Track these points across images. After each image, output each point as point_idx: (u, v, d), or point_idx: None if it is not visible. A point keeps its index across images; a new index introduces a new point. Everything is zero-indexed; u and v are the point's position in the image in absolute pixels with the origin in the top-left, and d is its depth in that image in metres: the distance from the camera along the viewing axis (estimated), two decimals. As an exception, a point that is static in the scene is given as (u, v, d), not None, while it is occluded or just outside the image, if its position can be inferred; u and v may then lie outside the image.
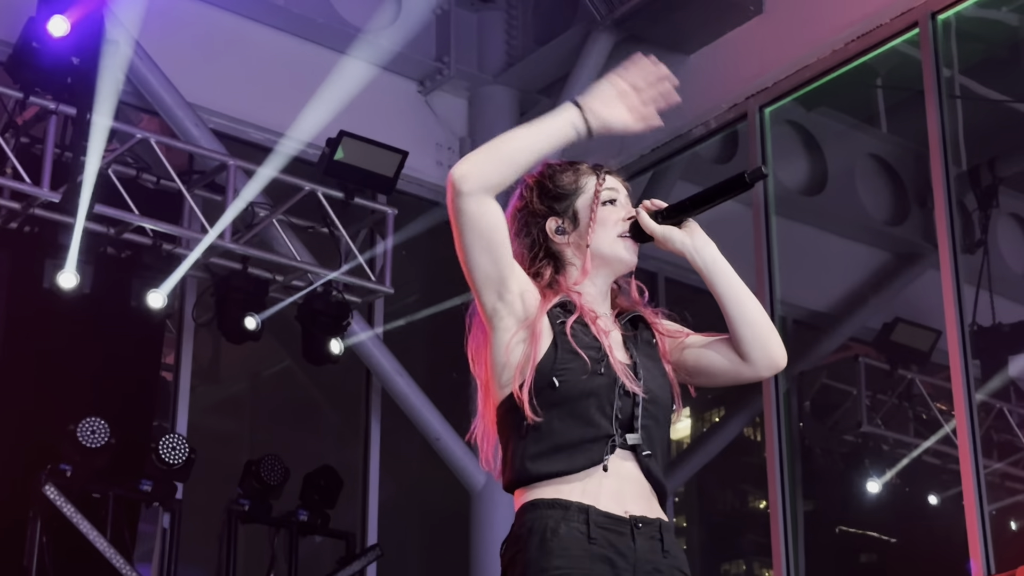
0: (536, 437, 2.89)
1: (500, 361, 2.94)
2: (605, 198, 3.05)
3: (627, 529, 2.84)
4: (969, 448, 6.95)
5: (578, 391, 2.89)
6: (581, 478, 2.86)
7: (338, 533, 8.18)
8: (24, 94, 7.29)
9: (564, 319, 2.94)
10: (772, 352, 3.03)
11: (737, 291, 3.01)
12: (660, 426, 2.97)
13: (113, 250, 7.76)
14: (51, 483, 7.06)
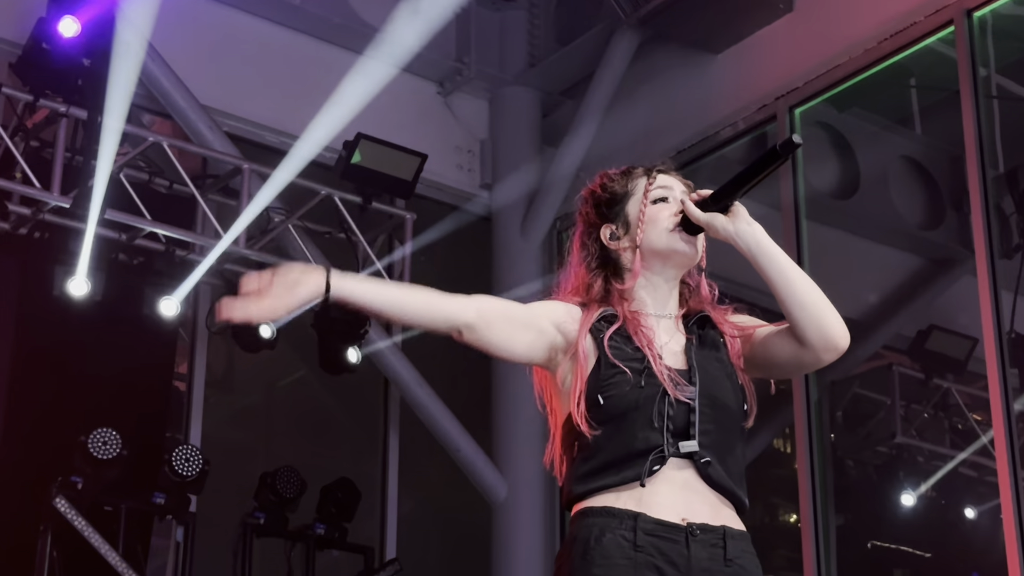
0: (586, 456, 2.94)
1: (560, 390, 3.03)
2: (654, 197, 3.10)
3: (681, 537, 2.86)
4: (1007, 460, 6.92)
5: (623, 406, 2.92)
6: (631, 489, 2.88)
7: (356, 547, 8.22)
8: (34, 96, 7.33)
9: (604, 333, 2.98)
10: (829, 332, 3.01)
11: (785, 272, 3.00)
12: (727, 431, 2.98)
13: (125, 256, 7.81)
14: (62, 495, 7.09)
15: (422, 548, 8.92)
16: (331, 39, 8.79)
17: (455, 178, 9.20)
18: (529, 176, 9.06)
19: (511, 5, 9.41)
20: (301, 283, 2.88)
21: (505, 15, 9.40)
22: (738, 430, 3.01)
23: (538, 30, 9.37)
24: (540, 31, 9.37)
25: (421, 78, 9.19)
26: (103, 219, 7.38)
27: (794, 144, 2.98)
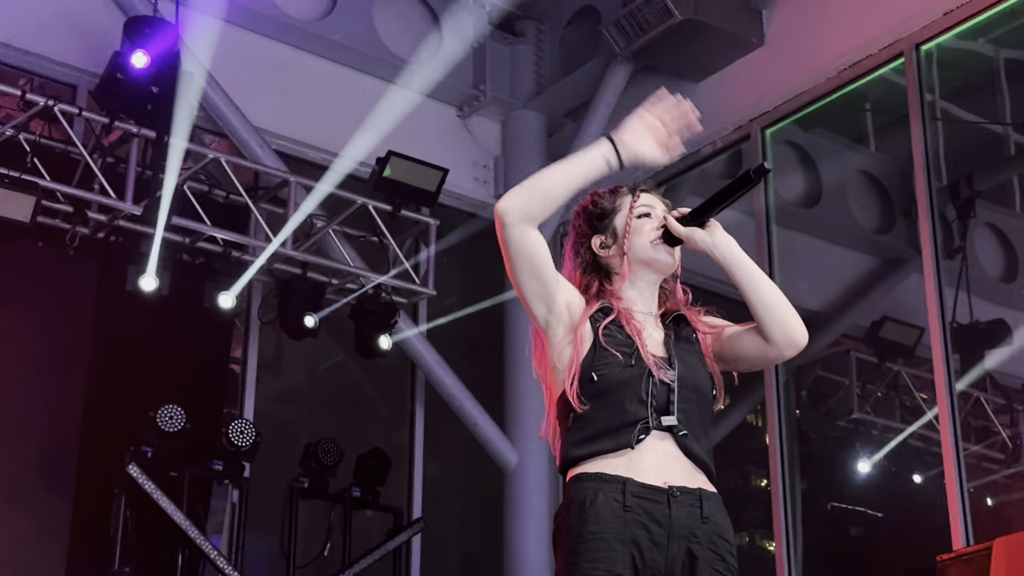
0: (580, 425, 2.94)
1: (555, 364, 3.00)
2: (639, 212, 3.10)
3: (663, 498, 2.87)
4: (950, 432, 6.94)
5: (614, 383, 2.93)
6: (622, 456, 2.89)
7: (387, 508, 8.20)
8: (110, 119, 7.33)
9: (600, 323, 2.99)
10: (791, 332, 3.04)
11: (755, 280, 3.03)
12: (700, 411, 2.99)
13: (188, 257, 7.81)
14: (134, 463, 7.11)
15: (444, 509, 8.92)
16: (365, 69, 8.79)
17: (472, 189, 9.20)
18: (536, 188, 9.07)
19: (521, 40, 9.42)
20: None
21: (515, 48, 9.41)
22: (709, 411, 3.03)
23: (544, 62, 9.37)
24: (546, 62, 9.37)
25: (443, 103, 9.18)
26: (169, 225, 7.39)
27: (765, 170, 3.01)
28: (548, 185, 2.97)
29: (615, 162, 2.97)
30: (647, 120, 3.01)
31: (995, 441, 8.42)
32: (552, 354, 3.00)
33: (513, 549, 8.54)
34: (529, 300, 2.99)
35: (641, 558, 2.80)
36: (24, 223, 6.89)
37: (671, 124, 3.01)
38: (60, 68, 7.88)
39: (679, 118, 3.03)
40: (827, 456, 9.06)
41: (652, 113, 3.01)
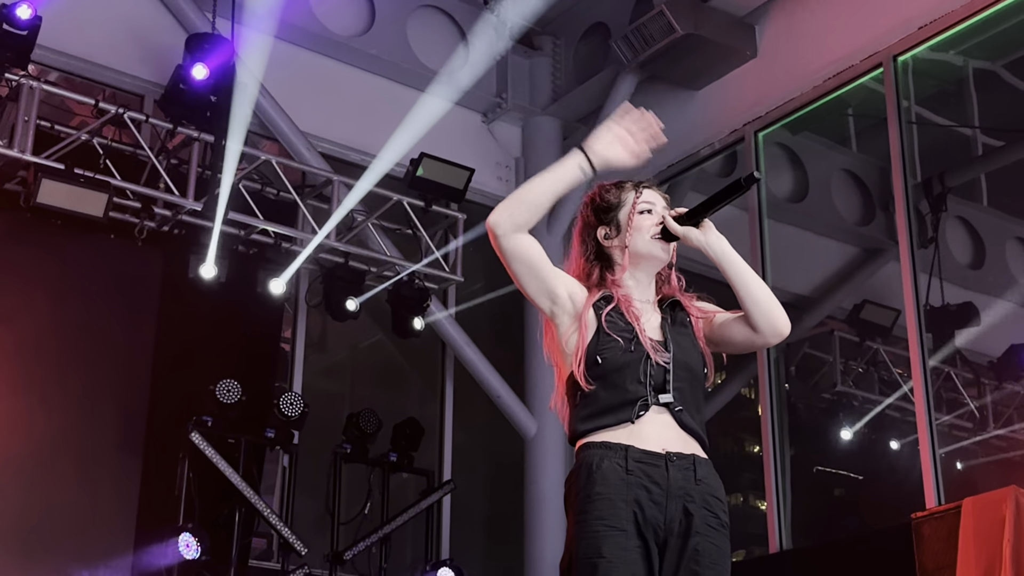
0: (586, 403, 2.94)
1: (563, 349, 3.00)
2: (641, 208, 3.06)
3: (662, 463, 2.87)
4: (923, 404, 6.93)
5: (616, 366, 2.92)
6: (623, 428, 2.89)
7: (420, 471, 8.21)
8: (173, 125, 7.36)
9: (603, 310, 2.98)
10: (776, 323, 3.02)
11: (744, 276, 3.01)
12: (693, 388, 2.99)
13: (243, 247, 7.83)
14: (196, 431, 7.14)
15: (470, 472, 8.94)
16: (400, 80, 8.80)
17: (496, 187, 9.19)
18: (553, 185, 9.07)
19: (539, 53, 9.41)
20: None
21: (534, 61, 9.41)
22: (701, 389, 3.03)
23: (560, 72, 9.36)
24: (561, 73, 9.36)
25: (469, 110, 9.18)
26: (226, 219, 7.42)
27: (754, 179, 2.98)
28: (532, 195, 2.95)
29: (588, 169, 2.95)
30: (615, 130, 2.98)
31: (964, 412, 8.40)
32: (560, 340, 3.00)
33: (532, 507, 8.56)
34: (534, 297, 2.99)
35: (643, 515, 2.81)
36: (98, 218, 6.93)
37: (638, 134, 2.98)
38: (129, 80, 7.92)
39: (645, 128, 2.99)
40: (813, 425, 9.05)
41: (620, 124, 2.99)
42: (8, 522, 6.81)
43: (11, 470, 6.88)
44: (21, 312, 7.13)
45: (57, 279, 7.34)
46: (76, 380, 7.24)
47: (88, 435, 7.20)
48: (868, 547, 6.89)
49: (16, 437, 6.94)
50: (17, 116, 6.82)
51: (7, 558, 6.76)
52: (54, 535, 6.92)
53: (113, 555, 7.04)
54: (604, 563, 2.74)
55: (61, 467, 7.05)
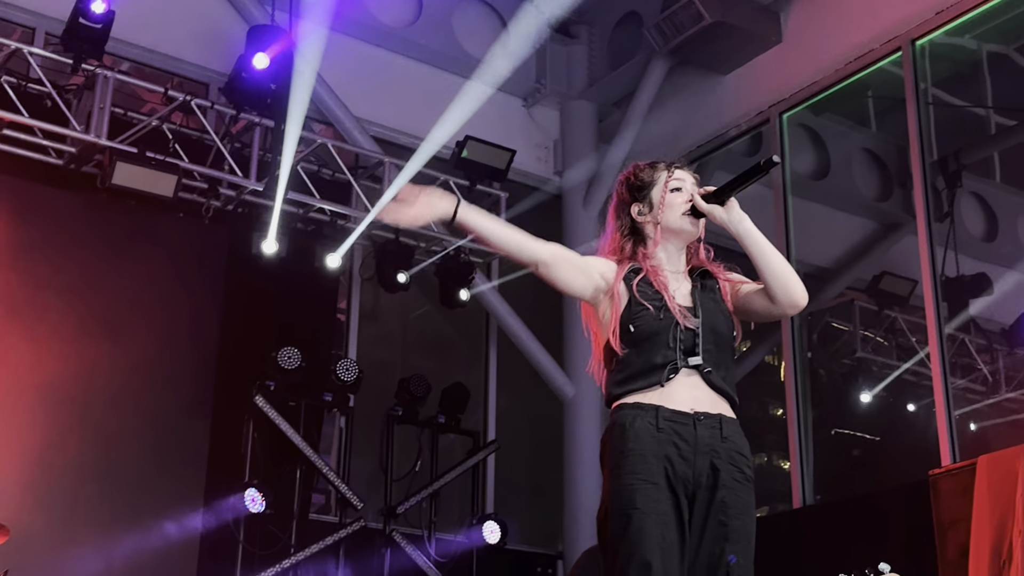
0: (620, 368, 2.97)
1: (600, 320, 3.03)
2: (672, 187, 3.08)
3: (690, 421, 2.89)
4: (940, 368, 6.90)
5: (648, 331, 2.94)
6: (654, 390, 2.91)
7: (467, 432, 8.25)
8: (236, 111, 7.39)
9: (633, 281, 3.00)
10: (793, 295, 3.02)
11: (765, 251, 3.01)
12: (722, 350, 3.00)
13: (301, 225, 7.87)
14: (260, 395, 7.21)
15: (513, 432, 8.95)
16: (446, 68, 8.79)
17: (535, 167, 9.20)
18: (589, 165, 9.05)
19: (575, 41, 9.38)
20: (438, 203, 2.91)
21: (571, 48, 9.37)
22: (730, 350, 3.04)
23: (595, 59, 9.32)
24: (596, 60, 9.32)
25: (510, 95, 9.16)
26: (286, 198, 7.45)
27: (773, 163, 2.98)
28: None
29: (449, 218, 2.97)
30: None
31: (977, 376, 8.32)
32: (596, 312, 3.03)
33: (570, 465, 8.60)
34: (577, 294, 3.03)
35: (673, 470, 2.83)
36: (168, 197, 6.97)
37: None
38: (195, 69, 7.97)
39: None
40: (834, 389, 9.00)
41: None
42: (87, 478, 6.92)
43: (90, 431, 6.98)
44: (99, 284, 7.22)
45: (131, 254, 7.40)
46: (149, 348, 7.31)
47: (160, 399, 7.27)
48: (887, 502, 6.87)
49: (96, 400, 7.04)
50: (93, 104, 6.88)
51: (87, 511, 6.87)
52: (130, 490, 7.01)
53: (184, 509, 7.11)
54: (638, 514, 2.77)
55: (136, 428, 7.13)
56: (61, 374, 6.95)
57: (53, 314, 7.00)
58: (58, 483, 6.80)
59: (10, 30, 7.30)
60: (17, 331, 6.88)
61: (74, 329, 7.06)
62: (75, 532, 6.75)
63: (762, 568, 2.92)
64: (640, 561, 2.73)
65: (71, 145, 6.97)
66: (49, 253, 7.04)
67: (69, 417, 6.90)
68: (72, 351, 7.02)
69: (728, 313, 3.07)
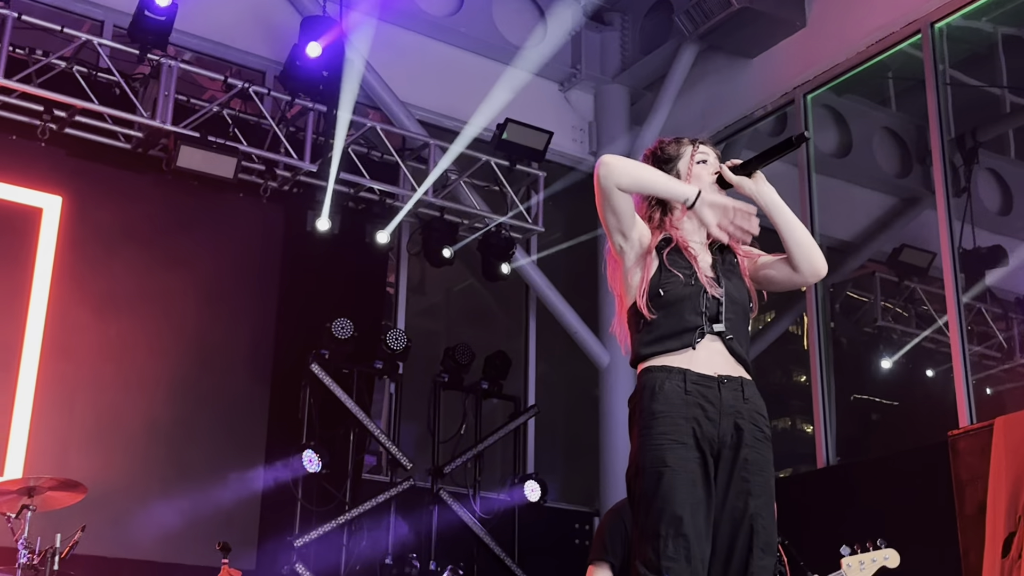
0: (649, 330, 2.95)
1: (628, 282, 2.99)
2: (698, 159, 3.06)
3: (715, 384, 2.89)
4: (957, 335, 6.85)
5: (676, 297, 2.93)
6: (682, 353, 2.90)
7: (508, 397, 8.26)
8: (291, 97, 7.42)
9: (664, 249, 2.99)
10: (815, 264, 3.01)
11: (790, 222, 2.99)
12: (741, 319, 2.99)
13: (352, 203, 7.89)
14: (316, 363, 7.24)
15: (551, 397, 8.98)
16: (487, 54, 8.78)
17: (572, 148, 9.17)
18: (622, 146, 9.00)
19: (609, 27, 9.33)
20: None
21: (605, 35, 9.33)
22: (747, 321, 3.02)
23: (628, 44, 9.28)
24: (629, 45, 9.27)
25: (548, 80, 9.14)
26: (338, 179, 7.48)
27: (804, 138, 2.95)
28: (645, 179, 2.94)
29: (691, 201, 2.92)
30: (728, 206, 2.93)
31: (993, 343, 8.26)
32: (625, 274, 3.00)
33: (606, 427, 8.61)
34: (610, 230, 2.98)
35: (700, 430, 2.83)
36: (228, 179, 7.02)
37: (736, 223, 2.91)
38: (253, 58, 8.00)
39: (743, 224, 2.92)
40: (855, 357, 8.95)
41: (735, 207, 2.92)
42: (157, 439, 7.01)
43: (160, 395, 7.06)
44: (165, 260, 7.29)
45: (195, 232, 7.45)
46: (212, 318, 7.38)
47: (223, 366, 7.34)
48: (908, 462, 6.84)
49: (164, 367, 7.12)
50: (158, 91, 6.92)
51: (157, 470, 6.96)
52: (197, 451, 7.09)
53: (247, 468, 7.19)
54: (668, 471, 2.77)
55: (202, 393, 7.20)
56: (132, 343, 7.03)
57: (122, 288, 7.07)
58: (130, 444, 6.89)
59: (80, 23, 7.36)
60: (90, 304, 6.97)
61: (142, 302, 7.12)
62: (146, 490, 6.85)
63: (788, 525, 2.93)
64: (671, 516, 2.73)
65: (138, 130, 7.03)
66: (119, 231, 7.11)
67: (140, 383, 6.99)
68: (141, 322, 7.10)
69: (746, 287, 3.05)
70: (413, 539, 7.54)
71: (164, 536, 6.74)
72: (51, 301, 6.85)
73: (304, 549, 7.02)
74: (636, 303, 2.96)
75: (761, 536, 2.81)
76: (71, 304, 6.90)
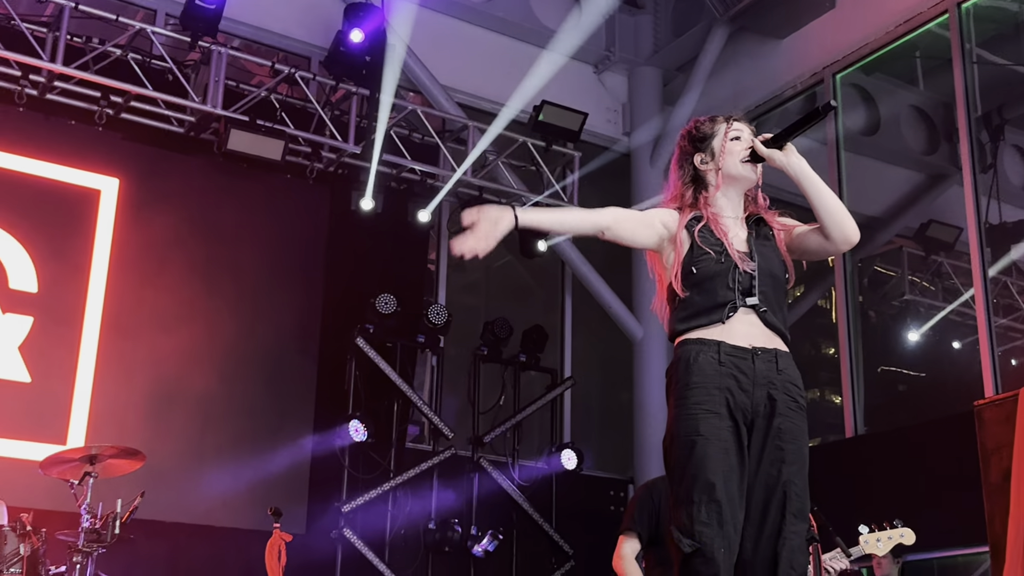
0: (683, 306, 2.93)
1: (664, 264, 2.98)
2: (732, 136, 3.03)
3: (748, 356, 2.86)
4: (984, 308, 6.79)
5: (708, 274, 2.90)
6: (716, 327, 2.88)
7: (545, 369, 8.28)
8: (336, 82, 7.42)
9: (695, 228, 2.95)
10: (847, 231, 2.95)
11: (820, 190, 2.95)
12: (776, 292, 2.95)
13: (395, 183, 7.89)
14: (361, 337, 7.29)
15: (587, 370, 8.98)
16: (524, 39, 8.75)
17: (606, 128, 9.14)
18: (655, 126, 8.96)
19: (641, 11, 9.26)
20: (499, 220, 2.78)
21: (638, 18, 9.26)
22: (783, 291, 2.99)
23: (660, 27, 9.21)
24: (662, 28, 9.21)
25: (582, 63, 9.11)
26: (380, 160, 7.49)
27: (831, 106, 2.91)
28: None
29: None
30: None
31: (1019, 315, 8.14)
32: (661, 256, 2.99)
33: (639, 399, 8.60)
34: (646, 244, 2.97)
35: (733, 400, 2.81)
36: (276, 161, 7.05)
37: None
38: (298, 44, 8.02)
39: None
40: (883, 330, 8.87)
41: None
42: (212, 410, 7.06)
43: (214, 368, 7.11)
44: (217, 239, 7.32)
45: (245, 212, 7.48)
46: (261, 295, 7.41)
47: (273, 340, 7.38)
48: (934, 432, 6.78)
49: (216, 341, 7.16)
50: (209, 77, 6.95)
51: (212, 438, 7.02)
52: (249, 421, 7.14)
53: (296, 437, 7.23)
54: (702, 440, 2.75)
55: (253, 366, 7.25)
56: (186, 318, 7.07)
57: (175, 266, 7.12)
58: (186, 414, 6.95)
59: (134, 12, 7.40)
60: (146, 281, 7.02)
61: (194, 279, 7.16)
62: (201, 457, 6.91)
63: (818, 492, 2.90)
64: (704, 482, 2.71)
65: (190, 115, 7.07)
66: (172, 211, 7.15)
67: (194, 356, 7.04)
68: (194, 299, 7.14)
69: (782, 259, 3.01)
70: (455, 505, 7.58)
71: (218, 501, 6.81)
72: (110, 278, 6.91)
73: (351, 514, 7.09)
74: (671, 282, 2.94)
75: (794, 502, 2.78)
76: (128, 281, 6.96)
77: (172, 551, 6.66)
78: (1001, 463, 4.95)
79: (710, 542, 2.68)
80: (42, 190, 6.84)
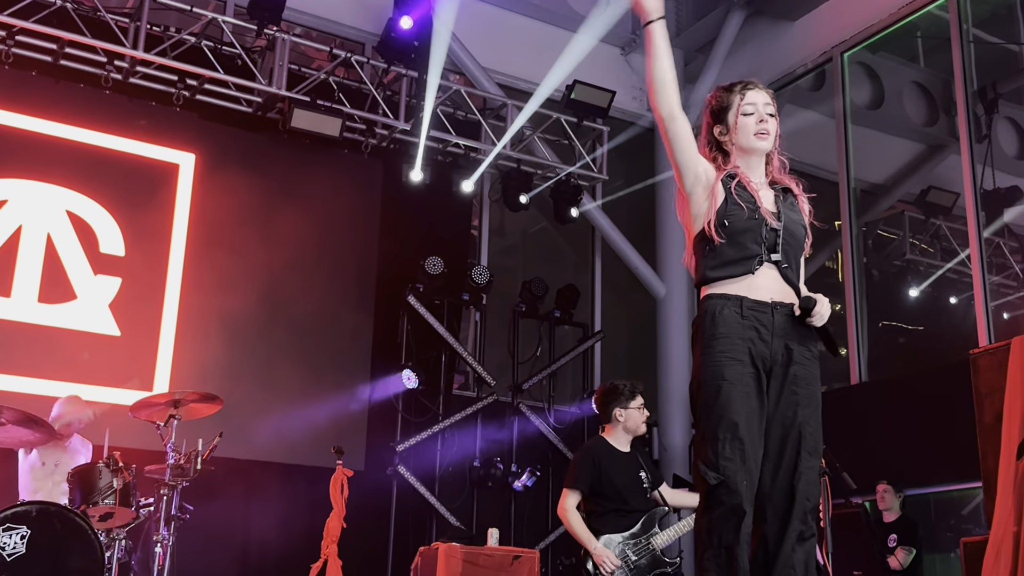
0: (713, 255, 2.87)
1: (696, 212, 2.90)
2: (744, 111, 2.93)
3: (768, 310, 2.83)
4: (978, 266, 6.71)
5: (739, 227, 2.85)
6: (740, 280, 2.83)
7: (578, 324, 8.29)
8: (387, 65, 7.41)
9: (730, 184, 2.90)
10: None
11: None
12: (796, 251, 2.91)
13: (441, 157, 7.90)
14: (412, 295, 7.33)
15: (615, 324, 8.99)
16: (557, 23, 8.69)
17: (632, 105, 9.07)
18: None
19: (665, -4, 9.16)
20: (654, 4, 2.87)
21: (661, 3, 9.15)
22: (801, 253, 2.94)
23: (682, 11, 9.11)
24: (683, 12, 9.10)
25: (611, 45, 9.03)
26: (428, 136, 7.50)
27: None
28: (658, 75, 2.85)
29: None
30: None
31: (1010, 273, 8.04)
32: (692, 206, 2.91)
33: (662, 350, 8.60)
34: (682, 170, 2.88)
35: (755, 349, 2.79)
36: (335, 137, 7.06)
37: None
38: (353, 31, 8.00)
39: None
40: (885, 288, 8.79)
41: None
42: (281, 359, 7.13)
43: (283, 322, 7.19)
44: (283, 208, 7.36)
45: (307, 183, 7.51)
46: (324, 257, 7.46)
47: (334, 298, 7.43)
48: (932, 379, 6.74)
49: (285, 299, 7.23)
50: (274, 62, 6.98)
51: (281, 385, 7.09)
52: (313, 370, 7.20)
53: (355, 384, 7.31)
54: (726, 384, 2.75)
55: (317, 320, 7.31)
56: (256, 279, 7.14)
57: (246, 232, 7.16)
58: (259, 363, 7.03)
59: (206, 2, 7.40)
60: (220, 245, 7.09)
61: (263, 244, 7.21)
62: (271, 402, 6.99)
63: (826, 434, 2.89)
64: (728, 422, 2.71)
65: (258, 96, 7.10)
66: (243, 183, 7.19)
67: (266, 311, 7.11)
68: (263, 260, 7.20)
69: (803, 224, 2.96)
70: (497, 445, 7.65)
71: (287, 441, 6.90)
72: (188, 243, 6.98)
73: (405, 453, 7.17)
74: (704, 230, 2.86)
75: (808, 441, 2.78)
76: (205, 245, 7.02)
77: (247, 485, 6.77)
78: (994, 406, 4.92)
79: (734, 475, 2.69)
80: (127, 165, 6.91)
